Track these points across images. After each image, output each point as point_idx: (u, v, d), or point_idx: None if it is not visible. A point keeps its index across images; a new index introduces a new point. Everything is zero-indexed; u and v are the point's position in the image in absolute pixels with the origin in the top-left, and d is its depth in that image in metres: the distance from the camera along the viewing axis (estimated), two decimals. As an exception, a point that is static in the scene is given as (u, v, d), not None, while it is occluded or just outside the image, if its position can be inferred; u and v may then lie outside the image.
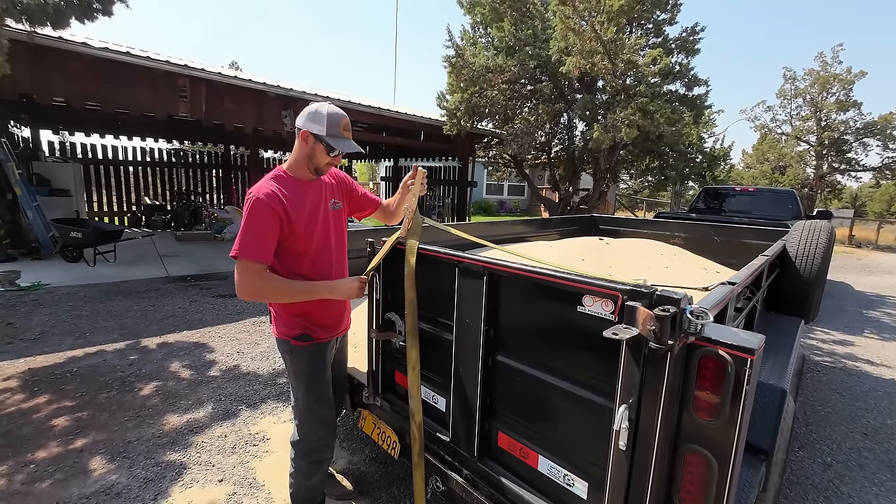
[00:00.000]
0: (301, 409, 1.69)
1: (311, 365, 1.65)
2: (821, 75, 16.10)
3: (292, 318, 1.62)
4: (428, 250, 1.58)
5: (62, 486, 2.06)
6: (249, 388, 3.09)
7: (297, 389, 1.67)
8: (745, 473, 1.37)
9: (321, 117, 1.50)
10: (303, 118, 1.52)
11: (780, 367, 1.83)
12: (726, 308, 1.39)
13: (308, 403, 1.67)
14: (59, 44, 5.03)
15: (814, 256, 2.80)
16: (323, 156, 1.54)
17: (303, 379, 1.65)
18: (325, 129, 1.49)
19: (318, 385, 1.67)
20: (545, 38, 6.79)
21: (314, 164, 1.55)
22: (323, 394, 1.69)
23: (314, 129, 1.50)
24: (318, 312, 1.64)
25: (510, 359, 1.36)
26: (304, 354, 1.64)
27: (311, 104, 1.54)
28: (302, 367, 1.65)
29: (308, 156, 1.54)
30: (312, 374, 1.66)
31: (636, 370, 0.97)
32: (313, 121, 1.50)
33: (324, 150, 1.52)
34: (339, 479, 2.15)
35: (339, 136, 1.53)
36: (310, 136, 1.51)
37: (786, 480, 2.35)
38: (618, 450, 1.01)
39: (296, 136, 1.55)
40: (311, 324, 1.63)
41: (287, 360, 1.68)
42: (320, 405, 1.69)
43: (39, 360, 3.36)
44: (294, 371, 1.66)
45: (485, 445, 1.45)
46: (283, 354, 1.69)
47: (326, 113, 1.50)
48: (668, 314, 0.87)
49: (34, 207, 6.63)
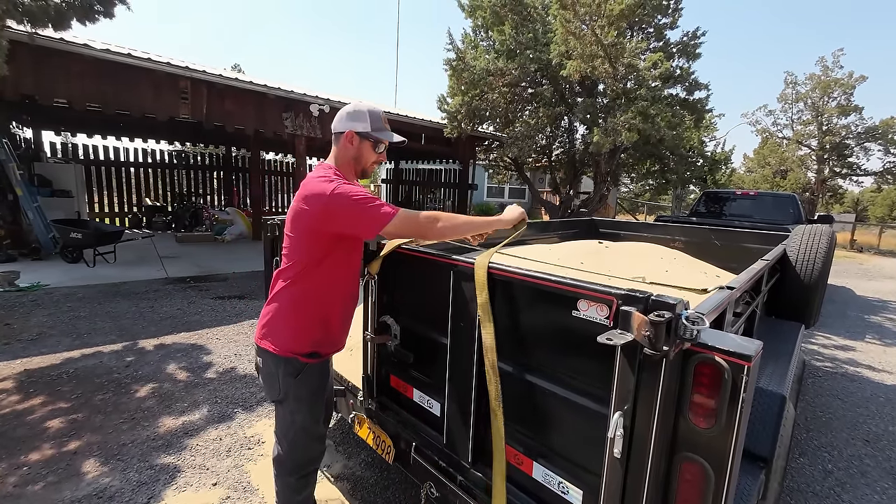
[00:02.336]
0: (297, 430, 1.53)
1: (318, 384, 1.51)
2: (822, 80, 16.10)
3: (311, 331, 1.45)
4: (423, 252, 1.57)
5: (54, 489, 2.04)
6: (246, 391, 3.08)
7: (297, 412, 1.50)
8: (744, 481, 1.35)
9: (362, 115, 1.45)
10: (342, 120, 1.46)
11: (779, 373, 1.80)
12: (724, 313, 1.37)
13: (306, 424, 1.53)
14: (60, 45, 5.06)
15: (814, 261, 2.78)
16: (370, 154, 1.49)
17: (306, 401, 1.50)
18: (370, 124, 1.45)
19: (321, 405, 1.56)
20: (546, 41, 6.80)
21: (361, 164, 1.49)
22: (322, 412, 1.59)
23: (358, 127, 1.44)
24: (339, 325, 1.52)
25: (505, 364, 1.34)
26: (312, 374, 1.47)
27: (346, 105, 1.49)
28: (308, 388, 1.48)
29: (354, 157, 1.48)
30: (317, 395, 1.53)
31: (631, 376, 0.95)
32: (355, 119, 1.45)
33: (371, 147, 1.48)
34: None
35: (382, 129, 1.48)
36: (355, 137, 1.45)
37: (786, 488, 2.32)
38: (612, 457, 0.99)
39: (334, 143, 1.50)
40: (327, 339, 1.50)
41: (286, 382, 1.45)
42: (317, 423, 1.58)
43: (36, 361, 3.35)
44: (296, 394, 1.48)
45: (479, 451, 1.43)
46: (282, 375, 1.45)
47: (367, 109, 1.46)
48: (663, 319, 0.86)
49: (35, 208, 6.64)
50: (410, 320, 1.71)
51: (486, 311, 1.29)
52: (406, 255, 1.63)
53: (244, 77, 7.85)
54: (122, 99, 5.87)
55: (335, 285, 1.48)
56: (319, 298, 1.46)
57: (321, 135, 7.67)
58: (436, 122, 8.89)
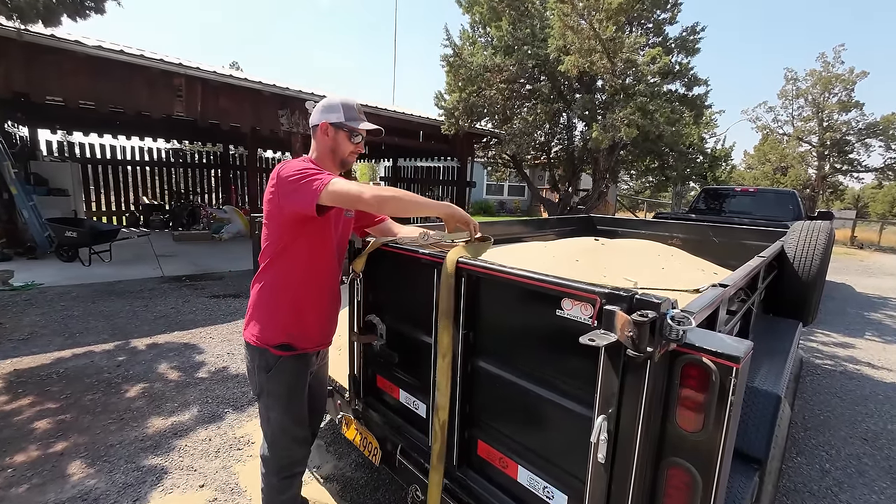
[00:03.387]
0: (274, 430, 1.53)
1: (292, 382, 1.50)
2: (822, 76, 16.01)
3: (283, 320, 1.46)
4: (408, 250, 1.53)
5: (39, 492, 2.01)
6: (237, 391, 3.04)
7: (272, 409, 1.50)
8: (736, 483, 1.31)
9: (335, 106, 1.49)
10: (317, 113, 1.50)
11: (775, 372, 1.76)
12: (717, 311, 1.33)
13: (284, 425, 1.52)
14: (51, 42, 5.00)
15: (812, 257, 2.73)
16: (346, 144, 1.51)
17: (280, 399, 1.49)
18: (343, 114, 1.48)
19: (297, 405, 1.53)
20: (543, 37, 6.74)
21: (339, 155, 1.52)
22: (301, 413, 1.55)
23: (332, 118, 1.48)
24: (313, 317, 1.50)
25: (489, 364, 1.30)
26: (284, 370, 1.47)
27: (322, 100, 1.54)
28: (280, 385, 1.48)
29: (331, 149, 1.51)
30: (292, 393, 1.50)
31: (615, 378, 0.91)
32: (329, 111, 1.49)
33: (346, 137, 1.50)
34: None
35: (356, 118, 1.51)
36: (329, 127, 1.49)
37: (782, 488, 2.29)
38: (597, 462, 0.95)
39: (312, 136, 1.53)
40: (300, 331, 1.48)
41: (261, 377, 1.47)
42: (297, 426, 1.55)
43: (26, 361, 3.31)
44: (269, 390, 1.48)
45: (464, 454, 1.39)
46: (256, 369, 1.48)
47: (340, 101, 1.50)
48: (646, 319, 0.82)
49: (30, 207, 6.60)
50: (396, 320, 1.67)
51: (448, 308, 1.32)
52: (391, 252, 1.59)
53: (239, 74, 7.80)
54: (115, 97, 5.82)
55: (307, 273, 1.48)
56: (288, 285, 1.47)
57: (318, 132, 7.61)
58: (433, 120, 8.83)
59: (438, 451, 1.35)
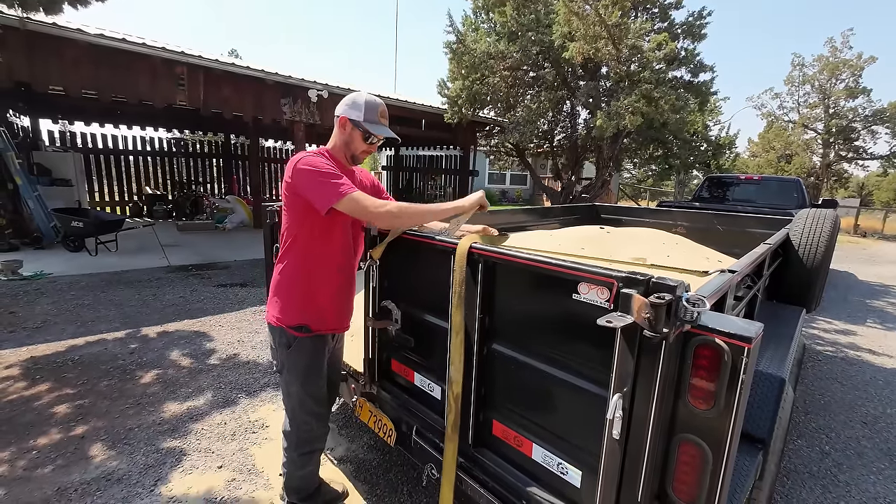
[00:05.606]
0: (294, 404, 1.65)
1: (310, 359, 1.61)
2: (830, 61, 15.77)
3: (299, 304, 1.56)
4: (423, 237, 1.56)
5: (63, 472, 2.08)
6: (249, 377, 3.11)
7: (291, 384, 1.62)
8: (741, 462, 1.36)
9: (359, 104, 1.56)
10: (342, 106, 1.58)
11: (779, 357, 1.81)
12: (725, 297, 1.36)
13: (302, 399, 1.63)
14: (53, 30, 4.97)
15: (817, 245, 2.76)
16: (360, 143, 1.58)
17: (299, 374, 1.60)
18: (363, 115, 1.55)
19: (315, 381, 1.64)
20: (548, 23, 6.65)
21: (351, 150, 1.60)
22: (319, 390, 1.66)
23: (352, 115, 1.55)
24: (328, 304, 1.60)
25: (505, 347, 1.35)
26: (302, 348, 1.58)
27: (351, 93, 1.60)
28: (299, 361, 1.59)
29: (346, 142, 1.59)
30: (310, 370, 1.61)
31: (631, 359, 0.95)
32: (352, 107, 1.56)
33: (360, 136, 1.57)
34: (329, 484, 1.98)
35: (375, 122, 1.58)
36: (348, 123, 1.56)
37: (783, 469, 2.35)
38: (611, 439, 1.00)
39: (335, 124, 1.61)
40: (316, 315, 1.58)
41: (282, 353, 1.60)
42: (315, 401, 1.66)
43: (41, 349, 3.38)
44: (289, 365, 1.60)
45: (479, 434, 1.44)
46: (278, 346, 1.61)
47: (364, 101, 1.57)
48: (663, 302, 0.85)
49: (35, 197, 6.63)
50: (412, 305, 1.71)
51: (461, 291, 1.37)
52: (407, 240, 1.62)
53: (241, 62, 7.73)
54: (117, 86, 5.79)
55: (321, 259, 1.56)
56: (303, 270, 1.56)
57: (320, 121, 7.58)
58: (436, 108, 8.77)
59: (453, 422, 1.40)
